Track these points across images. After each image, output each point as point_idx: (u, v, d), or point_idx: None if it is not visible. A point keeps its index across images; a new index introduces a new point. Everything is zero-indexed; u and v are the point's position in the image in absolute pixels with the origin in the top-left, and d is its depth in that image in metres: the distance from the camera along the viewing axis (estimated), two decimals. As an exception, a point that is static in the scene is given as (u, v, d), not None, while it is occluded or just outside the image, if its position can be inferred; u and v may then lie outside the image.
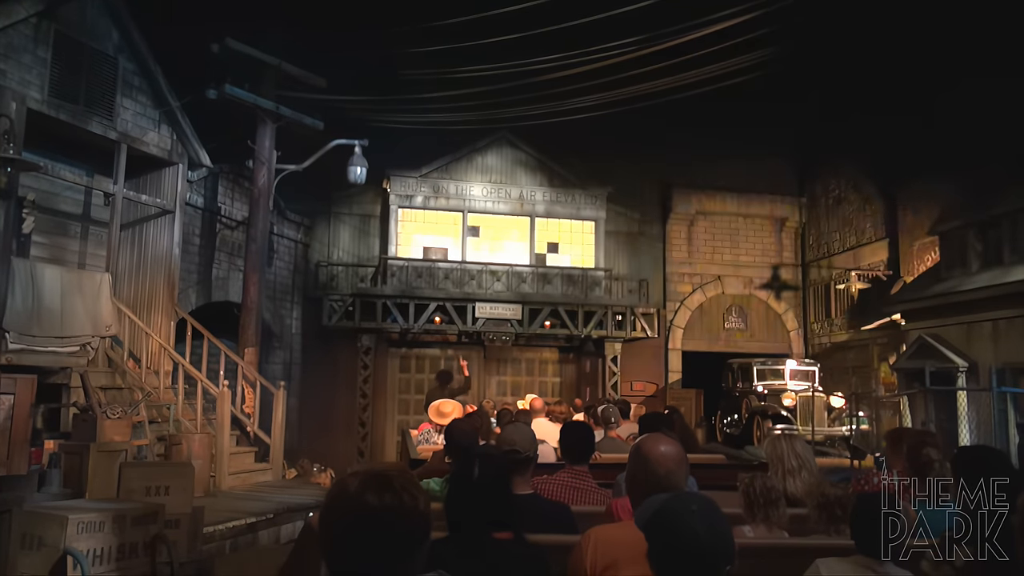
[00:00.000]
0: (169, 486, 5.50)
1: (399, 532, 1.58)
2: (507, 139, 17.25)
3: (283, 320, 15.13)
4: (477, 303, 15.96)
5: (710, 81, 11.22)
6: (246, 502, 8.43)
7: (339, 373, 15.97)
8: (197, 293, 12.34)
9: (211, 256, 12.70)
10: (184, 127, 11.11)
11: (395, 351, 16.91)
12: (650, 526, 1.88)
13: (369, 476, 1.62)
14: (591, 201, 17.49)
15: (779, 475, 3.90)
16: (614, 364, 16.87)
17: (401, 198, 16.78)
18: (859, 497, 2.88)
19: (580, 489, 3.87)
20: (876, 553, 2.67)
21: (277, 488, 9.74)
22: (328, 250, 16.80)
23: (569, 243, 17.59)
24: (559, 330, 16.47)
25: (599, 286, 16.90)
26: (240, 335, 11.53)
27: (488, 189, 17.23)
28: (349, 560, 1.58)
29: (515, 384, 17.13)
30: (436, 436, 7.37)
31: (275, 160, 11.95)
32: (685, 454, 2.73)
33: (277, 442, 10.61)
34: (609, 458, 5.86)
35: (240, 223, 13.02)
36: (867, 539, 2.70)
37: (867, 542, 2.69)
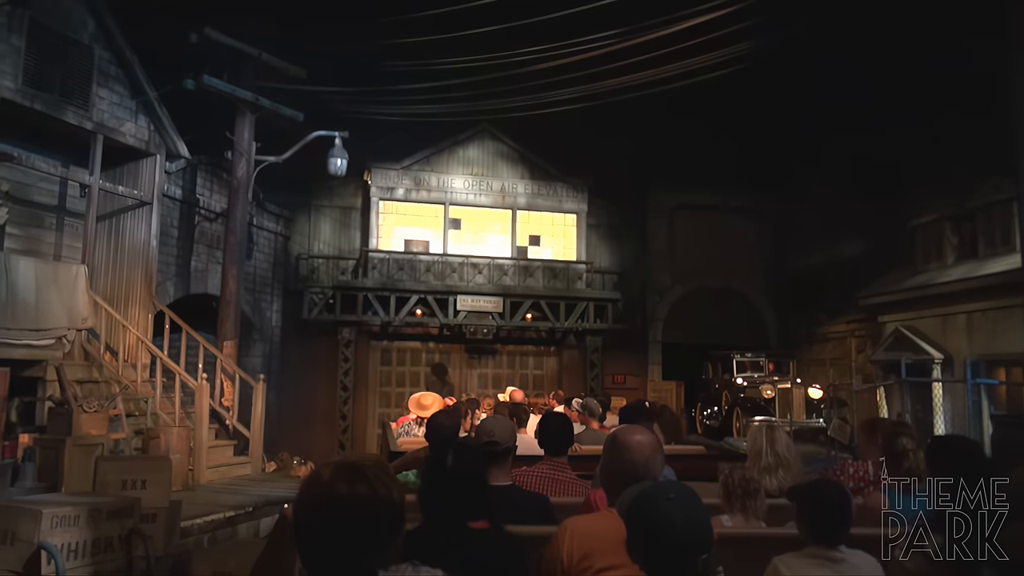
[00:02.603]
0: (146, 480, 5.44)
1: (372, 522, 1.57)
2: (489, 131, 17.22)
3: (263, 313, 15.03)
4: (458, 296, 15.96)
5: (691, 74, 11.25)
6: (225, 495, 8.37)
7: (319, 366, 15.90)
8: (175, 286, 12.22)
9: (189, 248, 12.58)
10: (162, 117, 10.97)
11: (376, 344, 16.85)
12: (629, 515, 1.90)
13: (342, 467, 1.61)
14: (573, 194, 17.51)
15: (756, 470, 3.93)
16: (595, 357, 16.93)
17: (382, 190, 16.71)
18: (803, 488, 2.91)
19: (559, 480, 3.88)
20: (828, 540, 2.69)
21: (256, 481, 9.68)
22: (309, 242, 16.70)
23: (551, 236, 17.61)
24: (541, 323, 16.51)
25: (581, 279, 16.94)
26: (219, 328, 11.44)
27: (470, 181, 17.19)
28: (323, 551, 1.58)
29: (496, 377, 17.13)
30: (417, 429, 7.36)
31: (254, 151, 11.84)
32: (661, 444, 2.74)
33: (256, 435, 10.55)
34: (589, 450, 5.88)
35: (219, 215, 12.90)
36: (816, 527, 2.72)
37: (817, 530, 2.72)
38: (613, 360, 17.30)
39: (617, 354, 17.33)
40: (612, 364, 17.31)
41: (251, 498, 8.26)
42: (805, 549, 2.72)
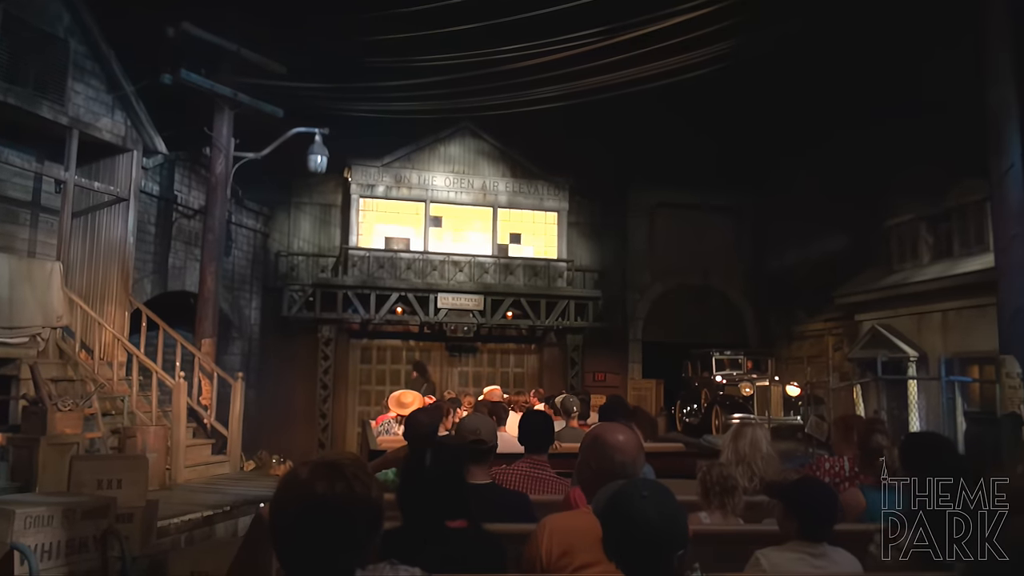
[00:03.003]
0: (122, 479, 5.40)
1: (350, 521, 1.57)
2: (470, 129, 17.19)
3: (241, 311, 14.92)
4: (439, 294, 15.93)
5: (671, 74, 11.30)
6: (202, 495, 8.32)
7: (299, 364, 15.81)
8: (152, 283, 12.10)
9: (167, 245, 12.45)
10: (139, 113, 10.84)
11: (356, 342, 16.79)
12: (605, 513, 1.90)
13: (320, 465, 1.60)
14: (554, 192, 17.53)
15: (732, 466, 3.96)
16: (576, 355, 16.98)
17: (363, 187, 16.63)
18: (792, 483, 2.94)
19: (539, 478, 3.88)
20: (813, 537, 2.73)
21: (235, 480, 9.63)
22: (288, 240, 16.59)
23: (532, 234, 17.62)
24: (521, 321, 16.53)
25: (561, 277, 16.97)
26: (197, 326, 11.35)
27: (451, 179, 17.16)
28: (300, 550, 1.57)
29: (477, 375, 17.12)
30: (396, 427, 7.35)
31: (233, 148, 11.76)
32: (641, 443, 2.76)
33: (235, 434, 10.48)
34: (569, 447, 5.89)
35: (197, 212, 12.78)
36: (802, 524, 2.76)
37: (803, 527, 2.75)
38: (593, 358, 17.36)
39: (597, 352, 17.39)
40: (592, 362, 17.37)
41: (229, 497, 8.21)
42: (788, 544, 2.74)
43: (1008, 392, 8.43)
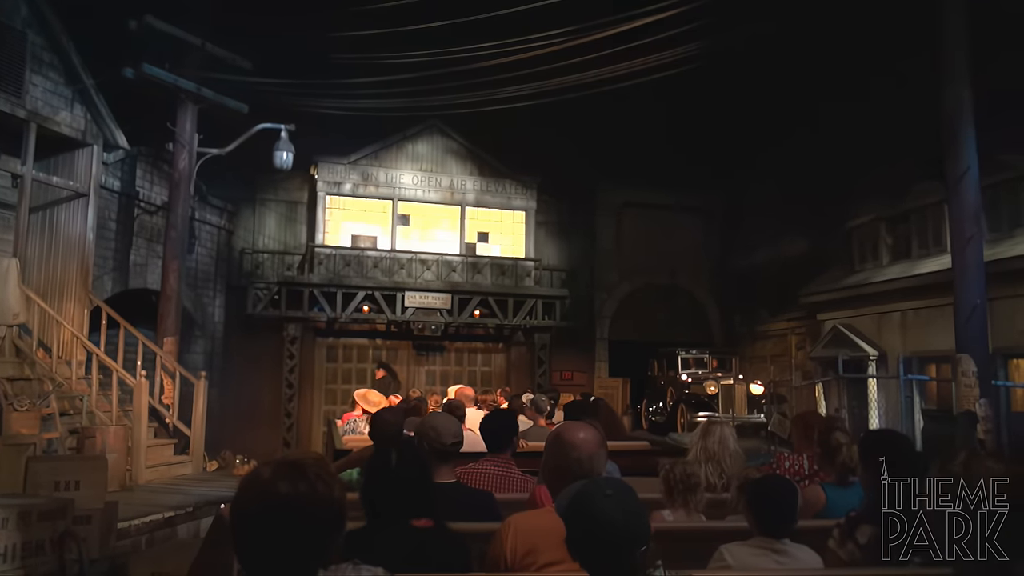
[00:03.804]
0: (80, 480, 5.30)
1: (312, 521, 1.55)
2: (438, 127, 17.15)
3: (205, 308, 14.71)
4: (406, 292, 15.87)
5: (639, 74, 11.37)
6: (164, 495, 8.20)
7: (264, 363, 15.64)
8: (113, 280, 11.88)
9: (128, 242, 12.24)
10: (99, 106, 10.63)
11: (322, 340, 16.65)
12: (567, 512, 1.92)
13: (282, 465, 1.59)
14: (521, 191, 17.56)
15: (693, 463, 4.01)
16: (543, 354, 17.03)
17: (329, 185, 16.50)
18: (752, 482, 2.99)
19: (504, 477, 3.89)
20: (774, 533, 2.77)
21: (197, 481, 9.50)
22: (253, 237, 16.40)
23: (500, 232, 17.63)
24: (489, 320, 16.53)
25: (529, 276, 17.01)
26: (159, 324, 11.17)
27: (418, 177, 17.10)
28: (261, 551, 1.55)
29: (444, 374, 17.09)
30: (362, 426, 7.31)
31: (196, 143, 11.58)
32: (604, 440, 2.78)
33: (198, 434, 10.34)
34: (535, 446, 5.90)
35: (160, 208, 12.58)
36: (763, 520, 2.80)
37: (764, 523, 2.80)
38: (561, 357, 17.42)
39: (565, 351, 17.45)
40: (560, 361, 17.43)
41: (191, 498, 8.10)
42: (751, 540, 2.79)
43: (964, 390, 8.64)
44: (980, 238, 8.96)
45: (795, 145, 15.61)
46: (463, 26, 10.72)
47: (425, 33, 10.79)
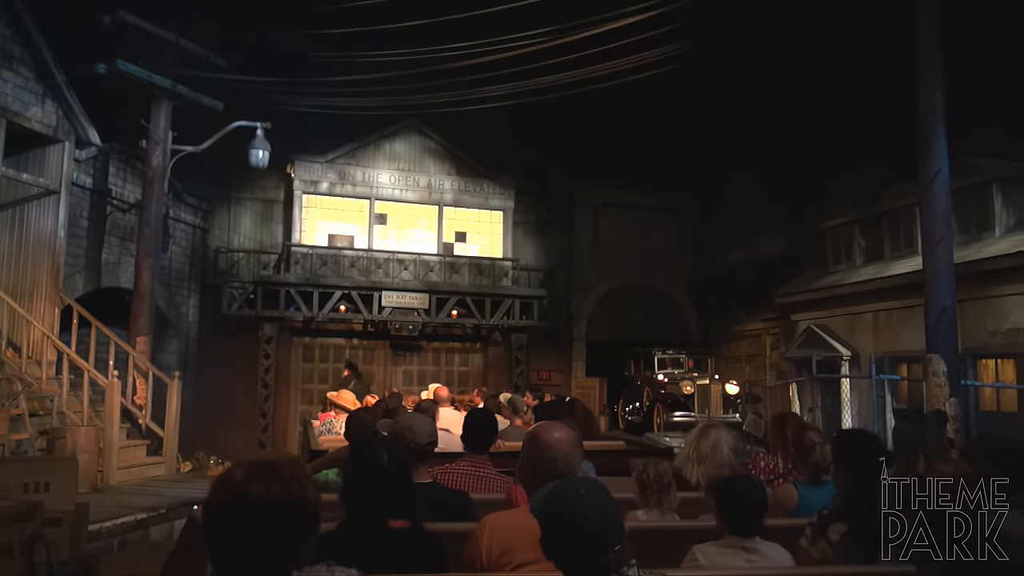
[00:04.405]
0: (50, 482, 5.20)
1: (286, 523, 1.54)
2: (416, 126, 17.10)
3: (179, 308, 14.55)
4: (384, 292, 15.80)
5: (618, 75, 11.43)
6: (136, 497, 8.10)
7: (239, 363, 15.49)
8: (85, 279, 11.70)
9: (100, 240, 12.06)
10: (71, 102, 10.48)
11: (298, 340, 16.53)
12: (541, 512, 1.92)
13: (255, 466, 1.58)
14: (499, 191, 17.56)
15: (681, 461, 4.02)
16: (521, 354, 17.05)
17: (306, 184, 16.39)
18: (721, 481, 3.01)
19: (481, 477, 3.89)
20: (743, 532, 2.80)
21: (170, 482, 9.39)
22: (228, 236, 16.24)
23: (477, 232, 17.61)
24: (466, 320, 16.51)
25: (507, 276, 17.01)
26: (131, 323, 11.02)
27: (396, 176, 17.04)
28: (234, 552, 1.54)
29: (421, 374, 17.04)
30: (338, 426, 7.27)
31: (171, 141, 11.45)
32: (580, 440, 2.79)
33: (171, 434, 10.22)
34: (513, 446, 5.90)
35: (133, 206, 12.42)
36: (733, 520, 2.83)
37: (733, 523, 2.82)
38: (538, 357, 17.45)
39: (542, 351, 17.48)
40: (537, 361, 17.46)
41: (164, 499, 8.01)
42: (722, 539, 2.81)
43: (934, 390, 8.78)
44: (950, 240, 9.10)
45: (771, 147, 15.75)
46: (441, 25, 10.71)
47: (403, 32, 10.77)
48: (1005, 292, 10.13)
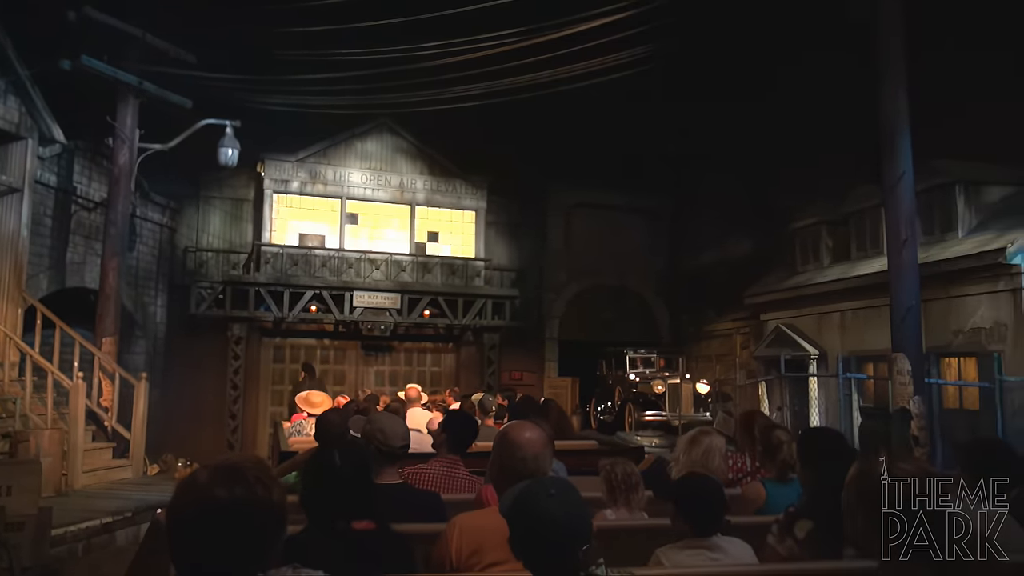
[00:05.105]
0: (12, 486, 5.12)
1: (251, 526, 1.53)
2: (388, 126, 17.02)
3: (146, 308, 14.34)
4: (355, 292, 15.71)
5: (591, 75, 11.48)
6: (102, 501, 7.97)
7: (208, 364, 15.31)
8: (49, 279, 11.48)
9: (65, 239, 11.84)
10: (35, 99, 10.27)
11: (268, 341, 16.37)
12: (510, 512, 1.92)
13: (220, 468, 1.56)
14: (472, 191, 17.54)
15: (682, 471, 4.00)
16: (493, 354, 17.05)
17: (276, 183, 16.24)
18: (676, 483, 3.03)
19: (452, 477, 3.89)
20: (703, 531, 2.82)
21: (137, 485, 9.25)
22: (197, 235, 16.05)
23: (450, 232, 17.58)
24: (439, 320, 16.48)
25: (479, 276, 17.00)
26: (97, 324, 10.84)
27: (368, 176, 16.95)
28: (198, 556, 1.52)
29: (393, 374, 16.97)
30: (309, 428, 7.22)
31: (138, 138, 11.28)
32: (551, 439, 2.80)
33: (138, 437, 10.08)
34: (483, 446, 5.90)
35: (99, 204, 12.20)
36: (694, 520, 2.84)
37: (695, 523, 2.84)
38: (510, 357, 17.46)
39: (514, 351, 17.49)
40: (509, 361, 17.47)
41: (131, 503, 7.89)
42: (683, 540, 2.83)
43: (899, 388, 8.94)
44: (914, 241, 9.26)
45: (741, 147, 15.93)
46: (414, 24, 10.68)
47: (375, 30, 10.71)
48: (967, 292, 10.35)
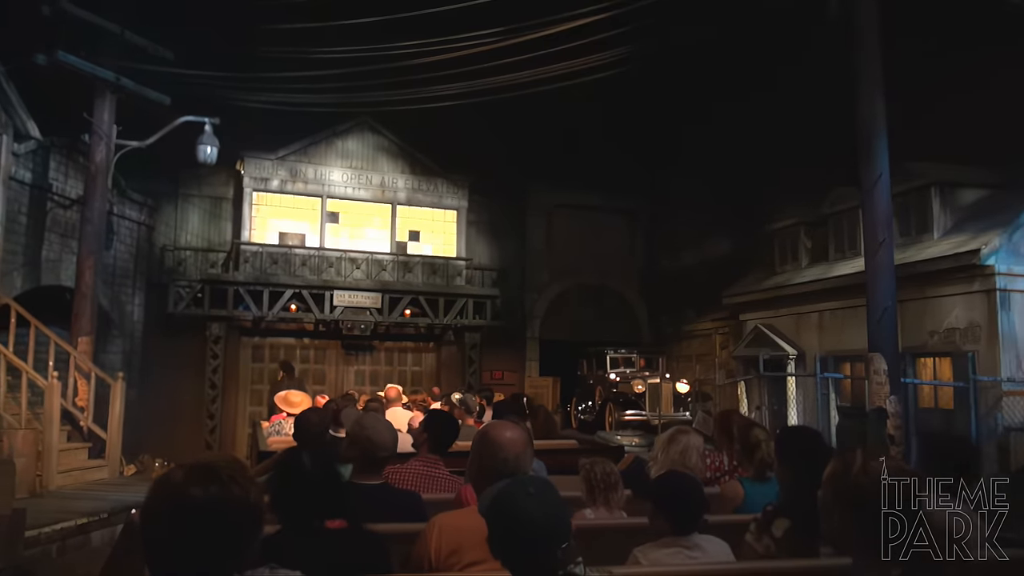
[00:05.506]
0: (-16, 487, 5.04)
1: (227, 525, 1.51)
2: (369, 124, 16.96)
3: (123, 307, 14.17)
4: (335, 291, 15.65)
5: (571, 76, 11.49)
6: (77, 501, 7.87)
7: (186, 363, 15.18)
8: (23, 277, 11.32)
9: (40, 237, 11.68)
10: (9, 94, 10.12)
11: (248, 340, 16.26)
12: (489, 511, 1.92)
13: (195, 467, 1.55)
14: (453, 190, 17.52)
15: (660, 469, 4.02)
16: (474, 353, 17.04)
17: (256, 181, 16.13)
18: (657, 481, 3.03)
19: (433, 477, 3.87)
20: (681, 529, 2.83)
21: (113, 486, 9.14)
22: (175, 233, 15.90)
23: (431, 231, 17.56)
24: (420, 319, 16.45)
25: (460, 275, 16.99)
26: (73, 323, 10.70)
27: (348, 174, 16.88)
28: (173, 556, 1.50)
29: (374, 374, 16.92)
30: (288, 427, 7.17)
31: (115, 135, 11.15)
32: (530, 439, 2.80)
33: (114, 437, 9.96)
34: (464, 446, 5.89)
35: (75, 202, 12.05)
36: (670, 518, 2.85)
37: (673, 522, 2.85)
38: (491, 356, 17.46)
39: (495, 350, 17.50)
40: (490, 360, 17.47)
41: (106, 504, 7.79)
42: (662, 539, 2.84)
43: (875, 388, 9.03)
44: (891, 243, 9.36)
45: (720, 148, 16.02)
46: (395, 23, 10.64)
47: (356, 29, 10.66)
48: (943, 293, 10.48)
